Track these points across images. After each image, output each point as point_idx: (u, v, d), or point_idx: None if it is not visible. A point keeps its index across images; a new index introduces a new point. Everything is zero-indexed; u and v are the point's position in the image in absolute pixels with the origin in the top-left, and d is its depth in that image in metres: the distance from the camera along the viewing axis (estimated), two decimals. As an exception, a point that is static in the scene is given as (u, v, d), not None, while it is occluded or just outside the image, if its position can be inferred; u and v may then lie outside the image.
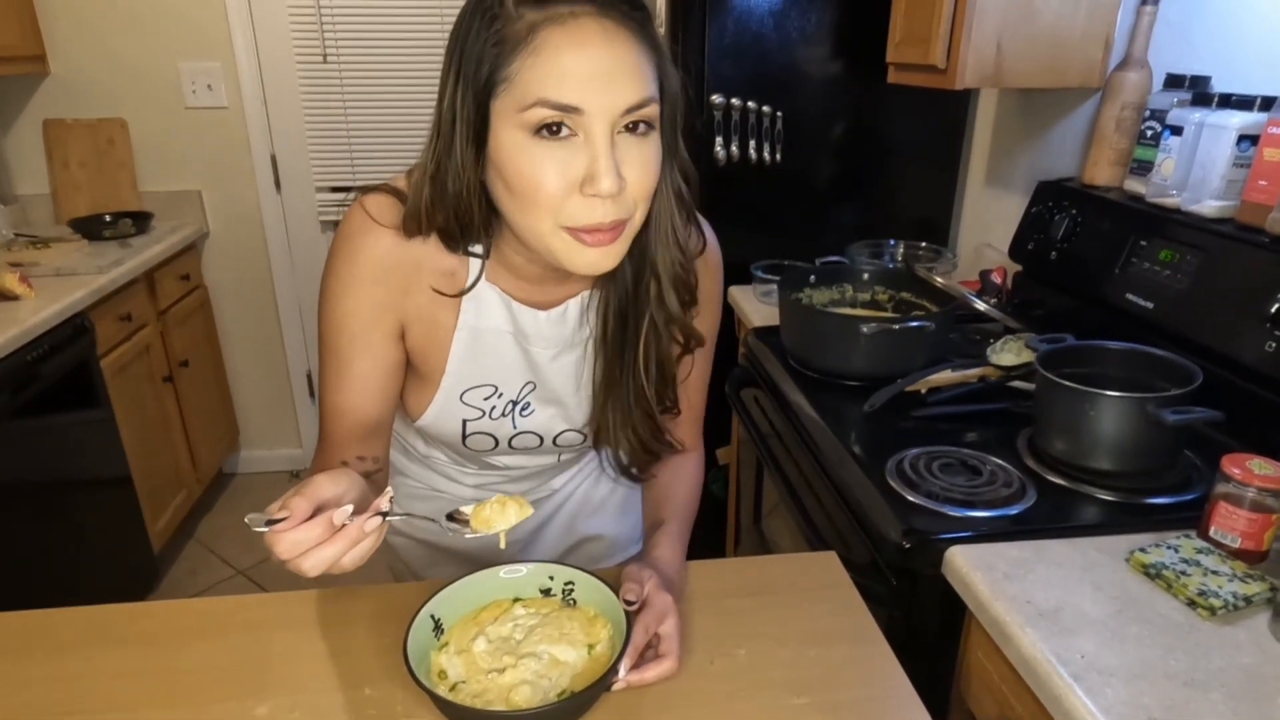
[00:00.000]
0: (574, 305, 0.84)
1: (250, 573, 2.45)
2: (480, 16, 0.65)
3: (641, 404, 0.85)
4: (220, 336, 2.80)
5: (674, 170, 0.74)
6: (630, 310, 0.81)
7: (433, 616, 0.71)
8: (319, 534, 0.58)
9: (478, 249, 0.78)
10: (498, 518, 0.68)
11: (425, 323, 0.81)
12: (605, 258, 0.69)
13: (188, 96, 2.52)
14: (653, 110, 0.66)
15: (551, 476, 1.03)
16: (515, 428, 0.89)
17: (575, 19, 0.63)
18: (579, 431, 0.91)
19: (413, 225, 0.74)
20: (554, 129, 0.64)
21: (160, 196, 2.59)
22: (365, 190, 0.77)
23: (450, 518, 0.69)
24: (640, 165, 0.67)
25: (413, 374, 0.86)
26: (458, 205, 0.71)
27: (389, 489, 0.64)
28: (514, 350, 0.84)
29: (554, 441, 0.91)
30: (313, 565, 0.58)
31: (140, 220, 2.42)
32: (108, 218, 2.41)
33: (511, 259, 0.79)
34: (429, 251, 0.77)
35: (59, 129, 2.49)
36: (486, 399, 0.86)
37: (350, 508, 0.60)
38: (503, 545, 0.70)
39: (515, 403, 0.87)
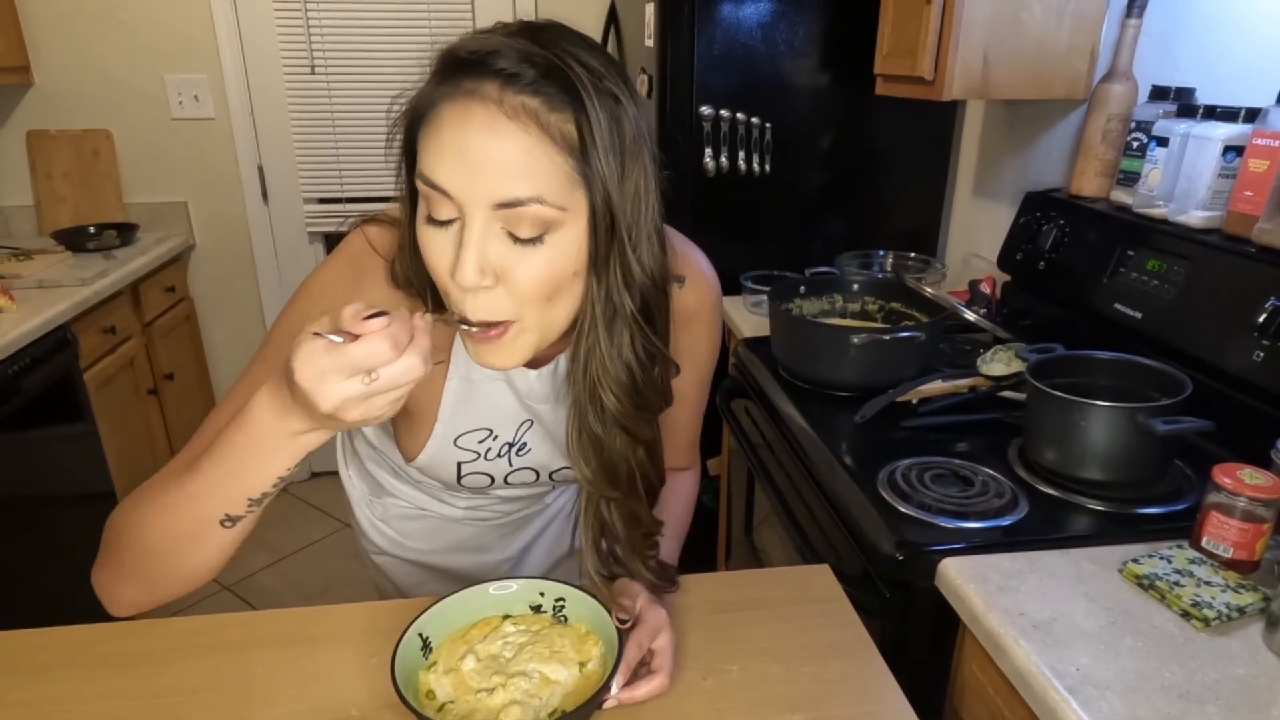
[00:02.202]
0: (564, 360, 0.80)
1: (235, 589, 2.41)
2: (425, 81, 0.62)
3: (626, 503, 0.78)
4: (206, 349, 2.77)
5: (614, 279, 0.63)
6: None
7: (421, 635, 0.70)
8: (410, 329, 0.52)
9: None
10: None
11: None
12: (498, 356, 0.64)
13: (174, 107, 2.51)
14: (540, 212, 0.58)
15: (542, 496, 1.02)
16: (511, 465, 0.87)
17: (469, 98, 0.58)
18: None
19: (399, 279, 0.71)
20: (439, 219, 0.60)
21: (146, 208, 2.56)
22: (365, 220, 0.74)
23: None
24: (523, 270, 0.60)
25: (404, 416, 0.82)
26: (414, 273, 0.68)
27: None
28: (509, 396, 0.81)
29: (550, 477, 0.89)
30: (407, 368, 0.52)
31: (125, 232, 2.39)
32: (92, 229, 2.39)
33: None
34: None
35: (43, 140, 2.47)
36: (481, 442, 0.83)
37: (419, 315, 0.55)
38: None
39: (511, 444, 0.84)
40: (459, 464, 0.84)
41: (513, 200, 0.58)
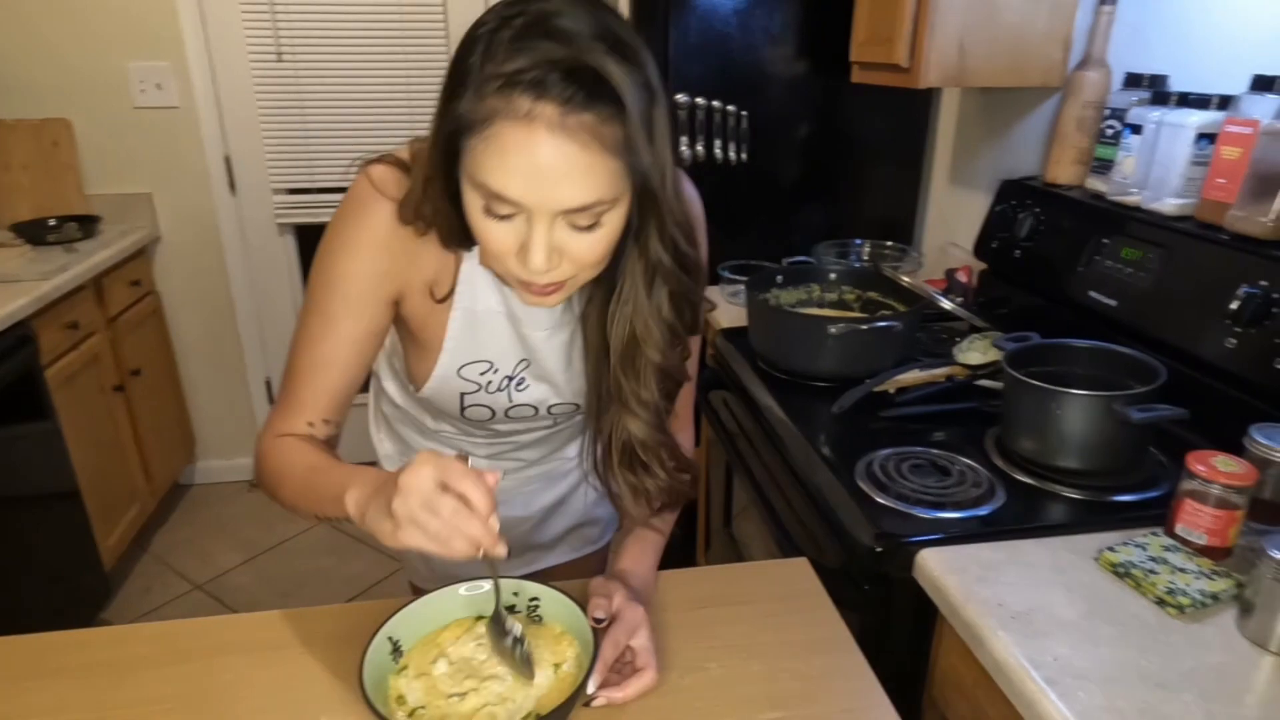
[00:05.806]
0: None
1: (208, 587, 2.37)
2: (465, 71, 0.64)
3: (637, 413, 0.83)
4: (174, 344, 2.71)
5: (653, 240, 0.73)
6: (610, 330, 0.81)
7: (390, 638, 0.68)
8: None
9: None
10: None
11: (425, 295, 0.82)
12: (550, 302, 0.74)
13: (136, 96, 2.44)
14: (601, 210, 0.67)
15: (563, 444, 1.04)
16: (511, 400, 0.90)
17: (530, 121, 0.62)
18: (570, 403, 0.93)
19: (408, 217, 0.75)
20: (501, 214, 0.67)
21: (108, 199, 2.50)
22: (369, 161, 0.77)
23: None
24: (583, 247, 0.69)
25: (414, 343, 0.87)
26: (439, 218, 0.74)
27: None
28: (508, 330, 0.86)
29: (548, 411, 0.94)
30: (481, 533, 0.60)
31: (87, 224, 2.33)
32: (52, 221, 2.32)
33: None
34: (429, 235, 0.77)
35: (0, 130, 2.39)
36: (483, 374, 0.87)
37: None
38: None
39: (511, 378, 0.89)
40: (462, 394, 0.88)
41: (580, 206, 0.66)
